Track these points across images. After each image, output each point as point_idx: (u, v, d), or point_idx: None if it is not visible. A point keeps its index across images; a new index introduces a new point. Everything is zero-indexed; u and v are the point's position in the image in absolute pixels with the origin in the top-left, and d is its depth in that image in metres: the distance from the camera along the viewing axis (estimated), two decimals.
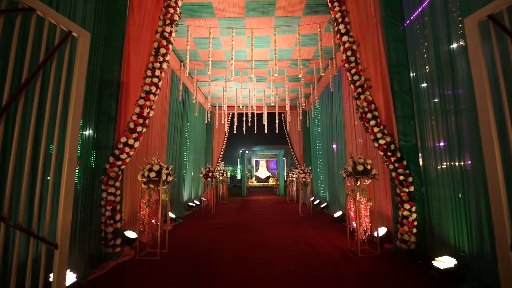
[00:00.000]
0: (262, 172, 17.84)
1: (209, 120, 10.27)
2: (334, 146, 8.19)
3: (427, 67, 3.97)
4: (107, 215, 3.84)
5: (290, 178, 12.08)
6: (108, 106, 4.16)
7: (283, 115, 12.63)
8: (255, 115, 10.65)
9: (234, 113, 11.65)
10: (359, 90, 4.28)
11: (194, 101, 8.04)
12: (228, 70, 8.08)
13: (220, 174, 12.25)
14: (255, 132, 10.76)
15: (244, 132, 10.78)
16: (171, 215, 6.85)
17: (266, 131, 10.80)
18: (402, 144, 4.14)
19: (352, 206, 4.40)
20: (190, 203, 9.33)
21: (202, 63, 7.90)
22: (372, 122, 4.15)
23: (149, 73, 4.25)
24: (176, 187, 7.93)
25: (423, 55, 4.05)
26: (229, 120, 12.57)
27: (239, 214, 8.52)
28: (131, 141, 4.04)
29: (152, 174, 4.09)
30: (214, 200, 8.82)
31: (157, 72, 4.27)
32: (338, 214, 7.17)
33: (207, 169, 8.69)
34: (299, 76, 5.59)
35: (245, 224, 6.74)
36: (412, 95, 4.21)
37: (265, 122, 10.29)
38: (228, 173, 20.12)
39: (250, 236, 5.51)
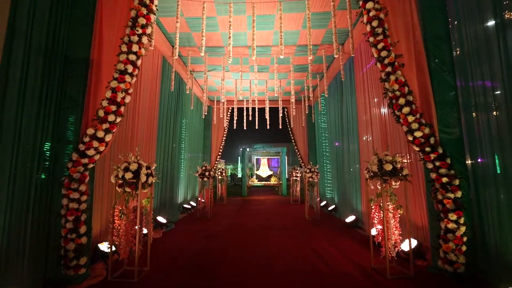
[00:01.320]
0: (264, 171, 17.01)
1: (206, 114, 9.37)
2: (345, 142, 7.33)
3: (476, 39, 3.10)
4: (68, 227, 2.99)
5: (294, 178, 11.22)
6: (73, 89, 3.33)
7: (286, 109, 11.77)
8: (257, 110, 9.80)
9: (233, 107, 10.77)
10: (388, 69, 3.40)
11: (188, 92, 7.18)
12: (227, 57, 7.20)
13: (219, 173, 11.39)
14: (256, 128, 9.90)
15: (245, 128, 9.93)
16: (162, 220, 6.02)
17: (268, 127, 9.94)
18: (443, 137, 3.28)
19: (377, 214, 3.56)
20: (185, 205, 8.52)
21: (197, 49, 7.00)
22: (406, 110, 3.27)
23: (124, 48, 3.38)
24: (169, 187, 7.11)
25: (470, 24, 3.18)
26: (228, 115, 11.71)
27: (238, 217, 7.67)
28: (100, 133, 3.18)
29: (128, 175, 3.25)
30: (211, 202, 7.96)
31: (135, 48, 3.41)
32: (350, 219, 6.34)
33: (203, 168, 7.84)
34: (309, 58, 4.72)
35: (245, 231, 5.89)
36: (455, 75, 3.35)
37: (267, 116, 9.42)
38: (229, 172, 19.30)
39: (249, 245, 4.69)
